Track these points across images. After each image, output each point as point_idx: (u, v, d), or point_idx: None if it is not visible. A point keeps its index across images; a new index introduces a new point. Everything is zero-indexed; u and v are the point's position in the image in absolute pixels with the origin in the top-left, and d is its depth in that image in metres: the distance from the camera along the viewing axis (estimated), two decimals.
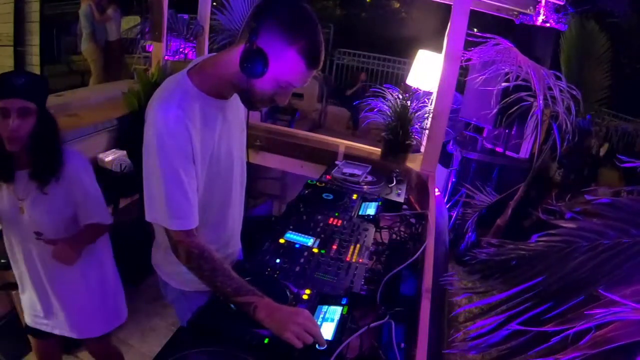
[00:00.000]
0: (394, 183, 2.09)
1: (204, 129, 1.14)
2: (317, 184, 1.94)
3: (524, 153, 3.81)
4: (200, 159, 1.15)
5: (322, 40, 1.05)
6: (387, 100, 2.55)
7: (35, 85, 1.37)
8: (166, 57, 3.04)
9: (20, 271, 1.59)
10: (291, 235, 1.47)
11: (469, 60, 2.48)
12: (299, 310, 1.05)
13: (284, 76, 1.05)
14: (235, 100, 1.20)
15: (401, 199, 1.95)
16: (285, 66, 1.04)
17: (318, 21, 1.05)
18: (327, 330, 1.06)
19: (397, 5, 10.93)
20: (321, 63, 1.08)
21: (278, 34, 1.01)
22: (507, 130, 3.65)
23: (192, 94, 1.11)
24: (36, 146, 1.39)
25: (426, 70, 2.84)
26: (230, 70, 1.08)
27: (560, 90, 2.48)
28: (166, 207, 1.10)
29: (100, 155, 2.47)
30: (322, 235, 1.49)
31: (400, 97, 2.52)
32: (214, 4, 3.17)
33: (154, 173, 1.09)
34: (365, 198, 1.84)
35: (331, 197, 1.82)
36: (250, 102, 1.13)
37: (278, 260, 1.33)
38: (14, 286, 1.69)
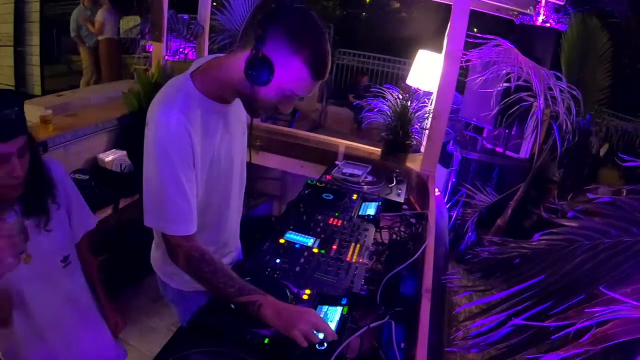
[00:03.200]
0: (394, 183, 2.09)
1: (205, 134, 1.13)
2: (317, 184, 1.94)
3: (524, 153, 3.81)
4: (200, 164, 1.14)
5: (329, 50, 1.04)
6: (387, 100, 2.55)
7: (22, 108, 1.05)
8: (166, 57, 3.04)
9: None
10: (291, 235, 1.47)
11: (469, 61, 2.48)
12: (306, 309, 1.05)
13: (289, 85, 1.04)
14: (238, 103, 1.19)
15: (401, 199, 1.95)
16: (291, 75, 1.03)
17: (325, 30, 1.04)
18: None
19: (397, 5, 10.93)
20: (327, 74, 1.06)
21: (284, 42, 1.00)
22: (507, 131, 3.65)
23: (194, 97, 1.10)
24: (30, 178, 1.12)
25: (426, 70, 2.84)
26: (235, 76, 1.07)
27: (561, 91, 2.48)
28: (166, 211, 1.09)
29: (100, 155, 2.47)
30: (322, 235, 1.49)
31: (400, 97, 2.52)
32: (214, 4, 3.17)
33: (153, 177, 1.09)
34: (365, 198, 1.84)
35: (331, 197, 1.82)
36: (252, 108, 1.12)
37: (278, 260, 1.33)
38: None
